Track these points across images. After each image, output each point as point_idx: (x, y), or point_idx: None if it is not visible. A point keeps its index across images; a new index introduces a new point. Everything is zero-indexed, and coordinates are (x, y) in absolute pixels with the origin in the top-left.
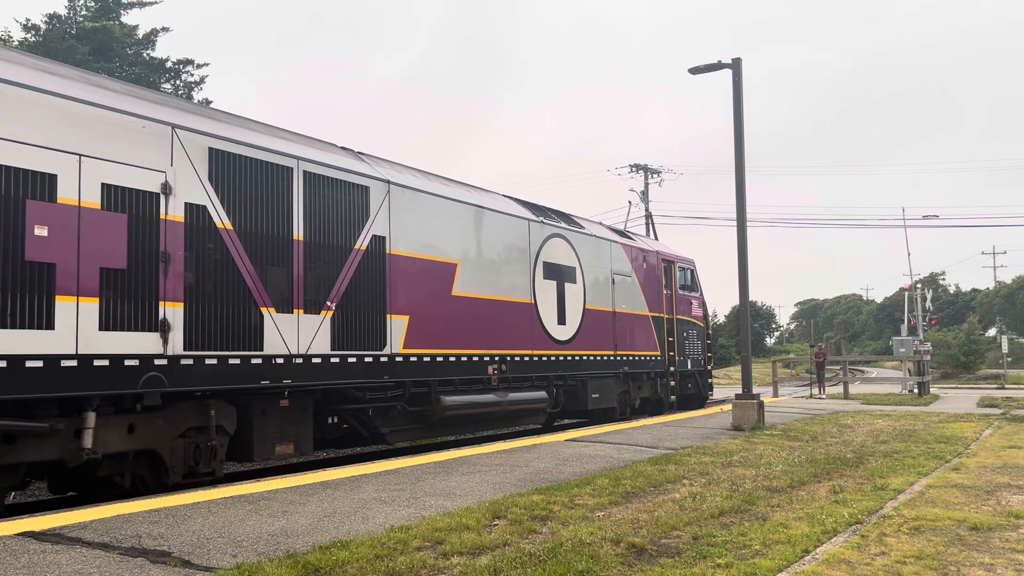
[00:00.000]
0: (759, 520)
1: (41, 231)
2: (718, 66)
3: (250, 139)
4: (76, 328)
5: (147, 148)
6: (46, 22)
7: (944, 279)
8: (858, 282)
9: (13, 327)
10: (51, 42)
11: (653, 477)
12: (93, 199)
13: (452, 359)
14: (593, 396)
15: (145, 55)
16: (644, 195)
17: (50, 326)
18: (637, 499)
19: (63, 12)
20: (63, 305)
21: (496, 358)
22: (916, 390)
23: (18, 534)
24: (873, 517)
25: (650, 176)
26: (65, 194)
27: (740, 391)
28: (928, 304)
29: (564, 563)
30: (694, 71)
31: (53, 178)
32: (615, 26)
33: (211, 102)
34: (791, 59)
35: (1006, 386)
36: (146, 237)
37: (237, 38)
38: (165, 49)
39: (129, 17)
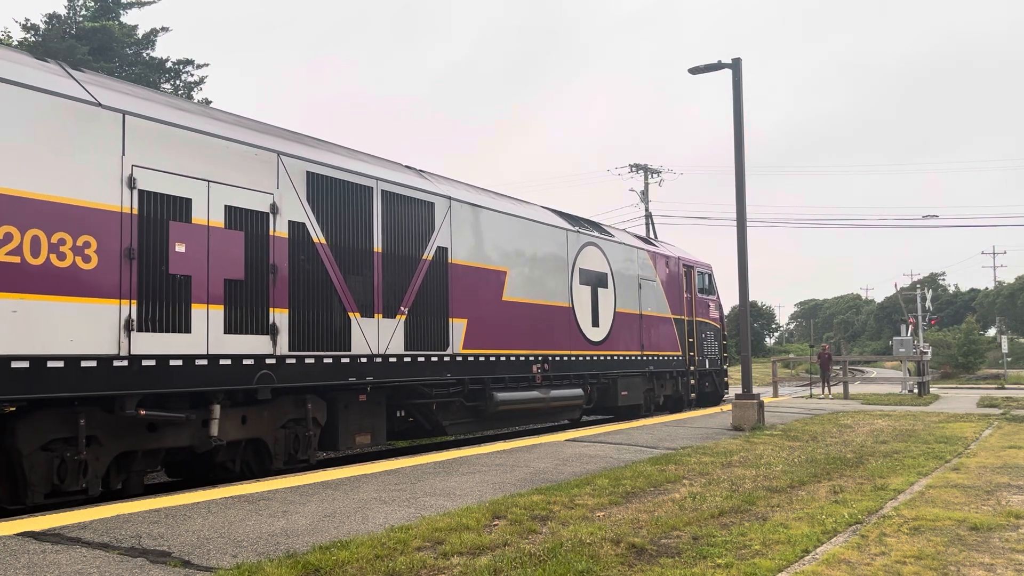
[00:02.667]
0: (759, 520)
1: (180, 248)
2: (718, 66)
3: (338, 162)
4: (207, 332)
5: (259, 173)
6: (45, 22)
7: (944, 279)
8: (858, 282)
9: (160, 331)
10: (50, 42)
11: (653, 477)
12: (218, 219)
13: (503, 359)
14: (623, 394)
15: (145, 55)
16: (644, 195)
17: (187, 330)
18: (637, 499)
19: (63, 12)
20: (197, 312)
21: (539, 358)
22: (916, 390)
23: (18, 534)
24: (873, 517)
25: (650, 176)
26: (198, 215)
27: (740, 391)
28: (928, 304)
29: (564, 563)
30: (694, 71)
31: (188, 201)
32: (677, 15)
33: (211, 102)
34: (862, 47)
35: (1006, 386)
36: (258, 251)
37: (278, 34)
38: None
39: (129, 17)
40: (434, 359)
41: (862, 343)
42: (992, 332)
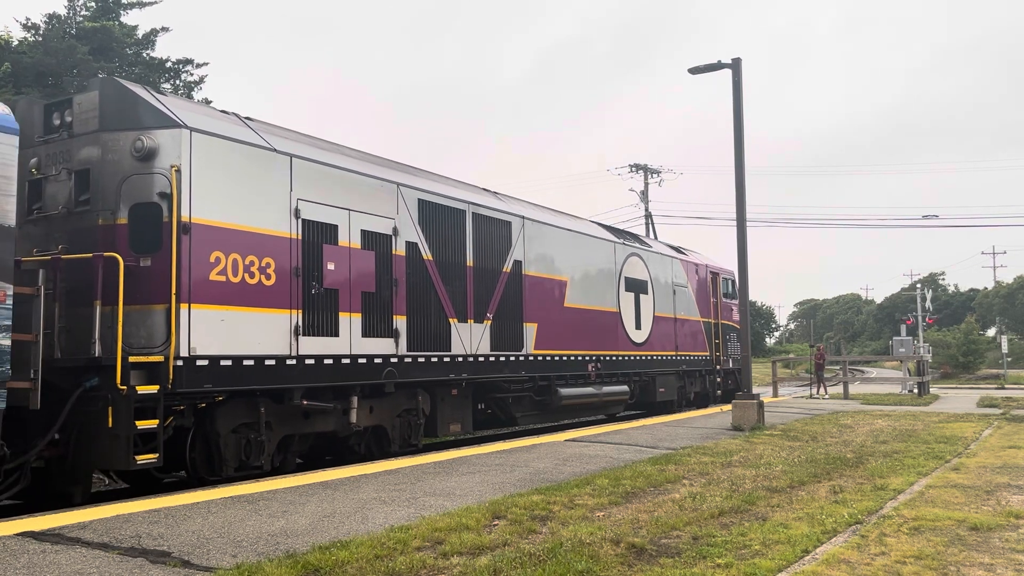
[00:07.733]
0: (759, 520)
1: (331, 266)
2: (718, 66)
3: (440, 190)
4: (350, 336)
5: (384, 202)
6: (46, 22)
7: (944, 279)
8: (858, 282)
9: (317, 335)
10: (50, 42)
11: (653, 477)
12: (356, 242)
13: (566, 358)
14: (660, 390)
15: (145, 55)
16: (644, 195)
17: (336, 334)
18: (637, 499)
19: (63, 12)
20: (343, 319)
21: (594, 357)
22: (916, 390)
23: (18, 534)
24: (873, 517)
25: (650, 176)
26: (342, 239)
27: (740, 391)
28: (928, 304)
29: (564, 563)
30: (693, 71)
31: (336, 228)
32: None
33: (211, 101)
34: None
35: (1006, 386)
36: (385, 268)
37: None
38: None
39: (130, 17)
40: (512, 358)
41: (862, 343)
42: (992, 332)
